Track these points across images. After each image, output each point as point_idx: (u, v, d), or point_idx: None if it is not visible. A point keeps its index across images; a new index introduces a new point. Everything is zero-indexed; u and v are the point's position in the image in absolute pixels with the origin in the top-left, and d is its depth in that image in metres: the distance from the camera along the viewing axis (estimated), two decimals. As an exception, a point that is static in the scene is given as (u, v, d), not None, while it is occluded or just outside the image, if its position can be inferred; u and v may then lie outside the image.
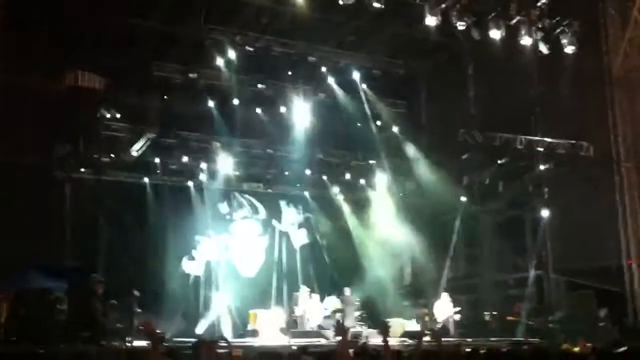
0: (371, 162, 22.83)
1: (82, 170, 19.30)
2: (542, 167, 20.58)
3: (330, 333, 17.20)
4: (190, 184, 21.33)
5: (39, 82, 17.76)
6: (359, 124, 21.76)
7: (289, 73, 20.69)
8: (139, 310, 17.07)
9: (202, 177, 21.27)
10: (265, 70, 20.57)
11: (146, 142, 19.60)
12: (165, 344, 13.29)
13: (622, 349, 6.95)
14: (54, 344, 13.11)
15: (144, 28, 18.48)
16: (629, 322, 18.02)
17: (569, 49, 18.27)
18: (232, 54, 19.28)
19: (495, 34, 17.74)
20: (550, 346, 12.20)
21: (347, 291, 19.77)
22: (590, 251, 19.36)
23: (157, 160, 20.53)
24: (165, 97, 19.61)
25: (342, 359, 6.63)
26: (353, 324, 18.48)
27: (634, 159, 19.11)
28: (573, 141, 19.73)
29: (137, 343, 15.22)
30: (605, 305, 18.15)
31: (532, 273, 21.53)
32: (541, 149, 19.83)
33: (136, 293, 17.13)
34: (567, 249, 20.27)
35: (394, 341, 17.59)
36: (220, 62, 19.46)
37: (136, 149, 19.64)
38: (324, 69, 20.94)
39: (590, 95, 19.68)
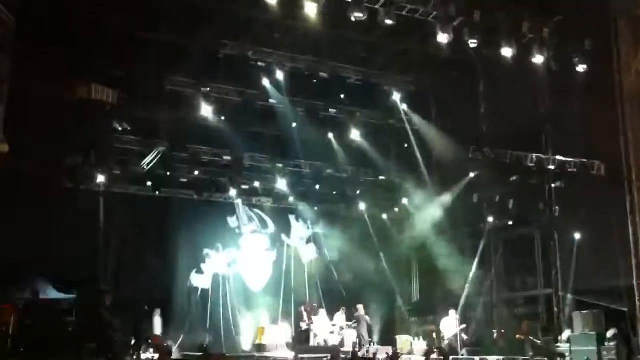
0: (381, 178, 22.76)
1: (93, 182, 19.35)
2: (552, 185, 20.52)
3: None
4: (200, 197, 21.33)
5: (52, 93, 17.84)
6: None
7: (299, 87, 20.72)
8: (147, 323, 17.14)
9: (212, 190, 21.28)
10: (279, 86, 20.62)
11: (157, 154, 19.67)
12: (172, 357, 13.35)
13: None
14: (61, 355, 13.09)
15: (157, 41, 18.58)
16: (637, 342, 17.86)
17: (581, 68, 18.27)
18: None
19: (507, 52, 17.75)
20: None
21: (360, 308, 19.71)
22: (600, 270, 19.23)
23: (167, 173, 20.57)
24: (176, 110, 19.68)
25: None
26: (366, 340, 18.45)
27: (645, 178, 19.00)
28: (584, 160, 19.70)
29: (145, 356, 15.23)
30: (614, 325, 18.01)
31: (542, 291, 21.46)
32: (552, 167, 19.79)
33: (147, 308, 17.23)
34: (577, 267, 20.16)
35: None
36: (231, 75, 19.57)
37: (147, 162, 19.71)
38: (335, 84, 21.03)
39: (601, 113, 19.60)
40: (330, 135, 21.75)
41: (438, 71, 21.96)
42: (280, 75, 20.01)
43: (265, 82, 20.22)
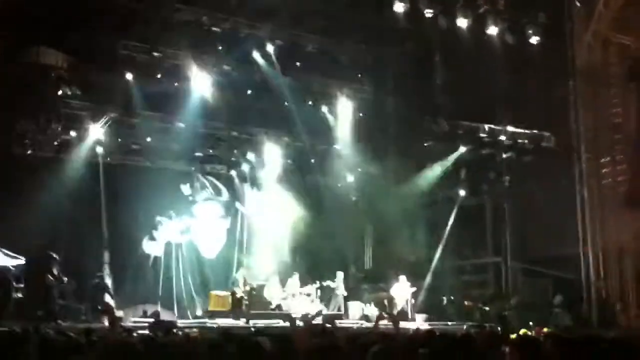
0: (337, 147, 22.79)
1: (43, 148, 18.94)
2: (504, 156, 20.87)
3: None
4: (152, 164, 21.06)
5: (0, 57, 17.38)
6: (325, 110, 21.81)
7: (257, 55, 20.49)
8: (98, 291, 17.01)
9: (165, 158, 21.03)
10: (232, 52, 20.35)
11: (108, 120, 19.32)
12: (122, 324, 13.29)
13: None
14: (9, 323, 12.92)
15: (110, 4, 18.12)
16: (583, 308, 18.45)
17: (534, 40, 18.50)
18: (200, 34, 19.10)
19: (463, 23, 17.87)
20: (506, 331, 12.40)
21: (339, 275, 19.99)
22: (548, 239, 19.73)
23: (119, 139, 20.23)
24: (129, 76, 19.29)
25: (301, 341, 6.66)
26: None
27: (594, 150, 19.45)
28: (535, 131, 20.04)
29: (96, 323, 15.13)
30: (561, 293, 18.56)
31: (491, 259, 21.94)
32: (504, 138, 20.10)
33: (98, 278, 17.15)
34: (526, 237, 20.64)
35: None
36: (186, 41, 19.23)
37: (98, 128, 19.35)
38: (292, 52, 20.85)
39: (554, 86, 19.95)
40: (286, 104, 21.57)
41: (395, 42, 21.99)
42: (238, 42, 19.75)
43: (221, 48, 19.94)
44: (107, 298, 17.74)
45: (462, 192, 22.14)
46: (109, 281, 18.44)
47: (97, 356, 4.09)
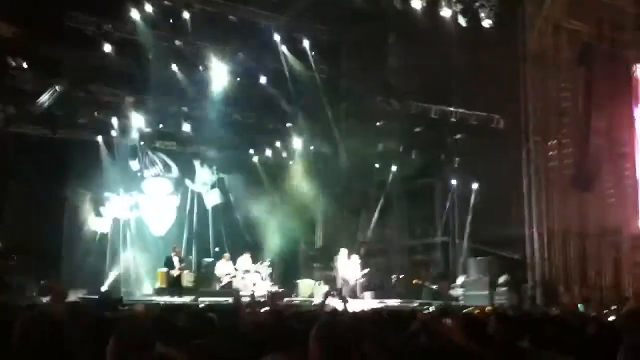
0: (288, 125, 22.69)
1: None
2: (454, 137, 21.10)
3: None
4: (99, 139, 20.64)
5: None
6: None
7: (208, 31, 20.14)
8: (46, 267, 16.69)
9: (113, 133, 20.62)
10: (183, 27, 19.95)
11: (53, 94, 18.81)
12: (67, 300, 13.05)
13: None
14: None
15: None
16: (527, 288, 18.86)
17: (486, 23, 18.64)
18: (148, 7, 18.63)
19: (417, 4, 17.91)
20: (452, 308, 12.61)
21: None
22: (495, 220, 20.07)
23: (65, 113, 19.72)
24: (76, 48, 18.78)
25: (247, 315, 6.67)
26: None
27: (542, 133, 19.78)
28: (485, 113, 20.29)
29: (42, 299, 14.83)
30: (506, 272, 18.92)
31: (439, 239, 22.23)
32: (454, 120, 20.31)
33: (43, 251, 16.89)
34: (474, 217, 20.96)
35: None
36: (136, 15, 18.80)
37: (43, 101, 18.83)
38: (245, 29, 20.54)
39: (504, 69, 20.16)
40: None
41: (350, 22, 21.88)
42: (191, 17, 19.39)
43: (171, 22, 19.55)
44: (54, 275, 17.45)
45: (412, 173, 22.30)
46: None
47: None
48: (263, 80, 21.29)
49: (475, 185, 20.99)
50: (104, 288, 18.05)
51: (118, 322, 5.55)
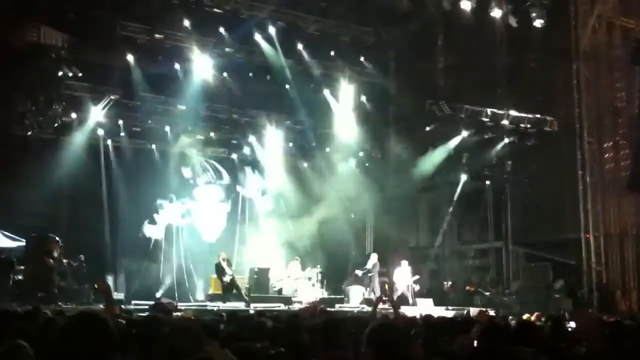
0: (337, 130, 22.67)
1: (44, 128, 18.83)
2: (506, 140, 20.76)
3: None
4: (153, 147, 21.02)
5: (0, 36, 17.24)
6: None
7: (258, 37, 20.31)
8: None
9: (167, 140, 20.97)
10: (233, 34, 20.18)
11: (108, 102, 19.22)
12: (122, 306, 13.26)
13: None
14: (11, 305, 12.92)
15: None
16: (583, 294, 18.40)
17: (538, 22, 18.35)
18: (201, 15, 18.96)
19: (466, 5, 17.73)
20: (507, 316, 12.38)
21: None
22: (549, 224, 19.67)
23: (120, 121, 20.15)
24: (130, 57, 19.19)
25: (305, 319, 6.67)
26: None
27: (596, 134, 19.32)
28: (538, 115, 19.91)
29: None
30: (561, 278, 18.51)
31: (492, 244, 21.88)
32: (506, 122, 19.98)
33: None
34: (528, 221, 20.58)
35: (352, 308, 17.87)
36: (187, 23, 19.12)
37: (98, 110, 19.26)
38: (293, 34, 20.70)
39: (556, 69, 19.81)
40: (287, 86, 21.42)
41: (398, 24, 21.79)
42: (240, 24, 19.62)
43: (222, 30, 19.84)
44: (109, 280, 17.73)
45: (463, 177, 22.03)
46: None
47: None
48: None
49: (528, 189, 20.59)
50: (158, 294, 18.28)
51: (171, 327, 5.60)
